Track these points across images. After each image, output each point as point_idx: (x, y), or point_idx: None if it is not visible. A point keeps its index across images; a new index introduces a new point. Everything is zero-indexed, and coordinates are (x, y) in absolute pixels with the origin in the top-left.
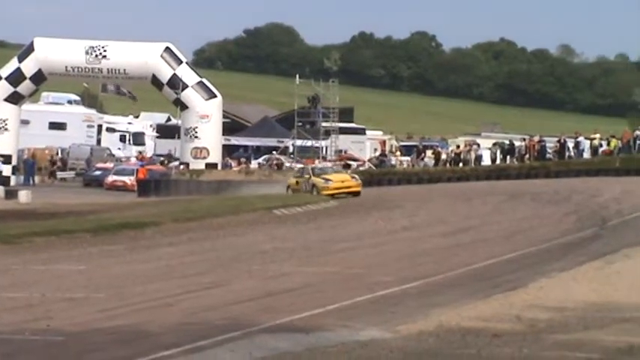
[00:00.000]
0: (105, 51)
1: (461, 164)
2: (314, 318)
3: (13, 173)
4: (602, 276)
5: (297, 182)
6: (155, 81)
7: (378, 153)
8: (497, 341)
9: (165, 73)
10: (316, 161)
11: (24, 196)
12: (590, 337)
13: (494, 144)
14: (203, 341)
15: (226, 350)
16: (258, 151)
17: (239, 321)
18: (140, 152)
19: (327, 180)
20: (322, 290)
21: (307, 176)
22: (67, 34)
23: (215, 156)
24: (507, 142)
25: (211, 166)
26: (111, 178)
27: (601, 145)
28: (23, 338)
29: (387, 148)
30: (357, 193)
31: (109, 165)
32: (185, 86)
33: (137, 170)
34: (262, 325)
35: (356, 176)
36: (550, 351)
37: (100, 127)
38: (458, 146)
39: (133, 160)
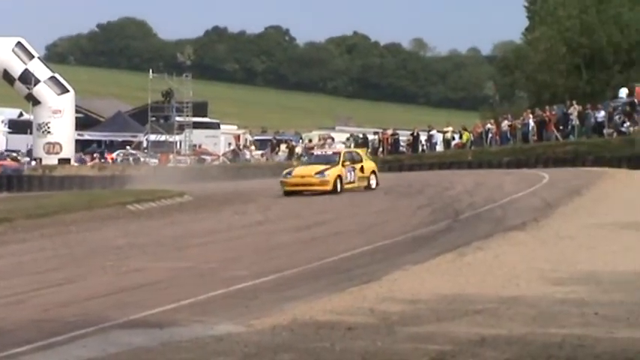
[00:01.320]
0: None
1: None
2: (168, 313)
3: None
4: (454, 268)
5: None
6: (6, 76)
7: (232, 147)
8: (351, 334)
9: (16, 68)
10: (170, 156)
11: None
12: (442, 329)
13: (349, 137)
14: (56, 337)
15: (79, 346)
16: (112, 146)
17: (92, 317)
18: None
19: (288, 173)
20: (176, 285)
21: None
22: None
23: (68, 151)
24: (361, 135)
25: (64, 162)
26: None
27: (453, 139)
28: None
29: (242, 142)
30: (326, 192)
31: None
32: (37, 81)
33: None
34: (116, 320)
35: (323, 172)
36: (404, 343)
37: None
38: (310, 140)
39: None
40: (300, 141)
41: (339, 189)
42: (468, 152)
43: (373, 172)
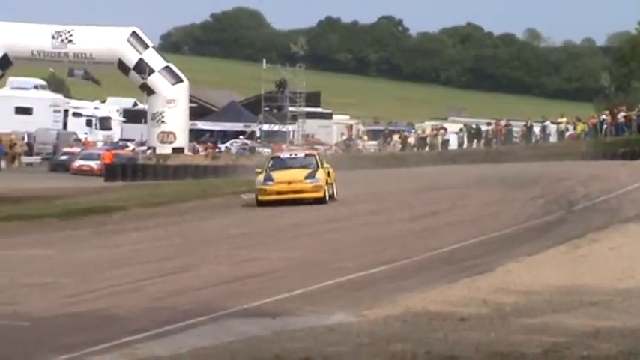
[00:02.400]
0: (71, 36)
1: (427, 148)
2: (281, 302)
3: None
4: (568, 260)
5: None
6: (122, 66)
7: (345, 137)
8: (464, 325)
9: (131, 58)
10: (283, 146)
11: None
12: (556, 320)
13: (461, 128)
14: (170, 326)
15: (193, 335)
16: (225, 136)
17: (206, 306)
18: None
19: (268, 179)
20: (289, 275)
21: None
22: (32, 18)
23: (182, 140)
24: (474, 126)
25: (178, 151)
26: (77, 163)
27: (567, 130)
28: None
29: (354, 132)
30: (319, 200)
31: (76, 150)
32: (151, 71)
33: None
34: (230, 309)
35: (314, 176)
36: (517, 335)
37: (66, 111)
38: (423, 130)
39: (100, 144)
40: (413, 131)
41: (327, 197)
42: (582, 143)
43: (334, 179)
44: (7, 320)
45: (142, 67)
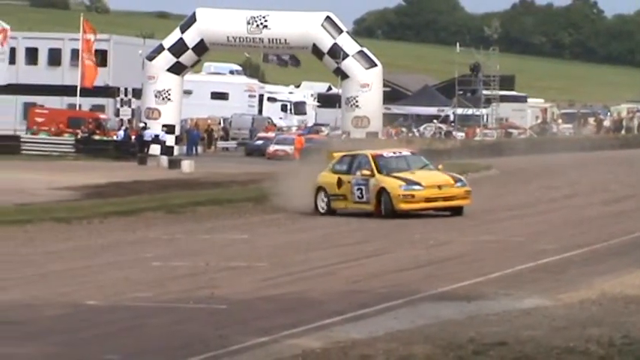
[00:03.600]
0: (266, 21)
1: (623, 131)
2: (475, 286)
3: (176, 143)
4: None
5: (339, 182)
6: (316, 50)
7: (539, 121)
8: None
9: (325, 43)
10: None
11: (187, 165)
12: None
13: None
14: (366, 309)
15: (390, 318)
16: (419, 120)
17: (402, 289)
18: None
19: (411, 183)
20: (483, 259)
21: (367, 172)
22: (228, 3)
23: (376, 125)
24: None
25: (372, 135)
26: (272, 148)
27: None
28: (188, 306)
29: (549, 115)
30: (459, 210)
31: (271, 134)
32: (345, 55)
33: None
34: (425, 293)
35: (462, 178)
36: None
37: (261, 96)
38: (619, 113)
39: (295, 129)
40: (609, 114)
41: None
42: None
43: None
44: (205, 303)
45: (336, 52)
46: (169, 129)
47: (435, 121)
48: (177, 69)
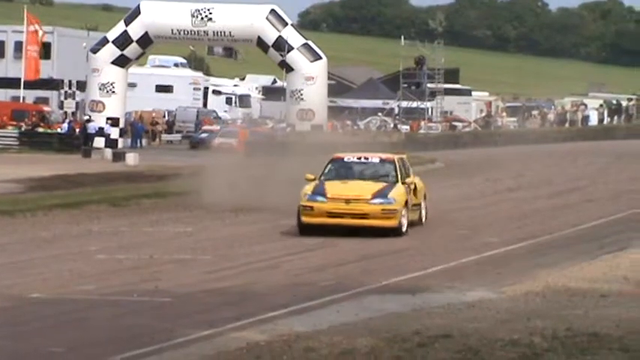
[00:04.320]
0: (210, 13)
1: (567, 124)
2: (419, 279)
3: (120, 136)
4: None
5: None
6: (260, 43)
7: (484, 114)
8: (605, 302)
9: (270, 36)
10: (422, 123)
11: (131, 158)
12: None
13: (602, 104)
14: (310, 302)
15: (333, 311)
16: (364, 113)
17: (345, 282)
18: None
19: (317, 193)
20: (427, 252)
21: (310, 177)
22: None
23: (320, 118)
24: (614, 101)
25: (317, 128)
26: (217, 141)
27: None
28: (132, 299)
29: (493, 109)
30: (391, 231)
31: (216, 127)
32: (290, 48)
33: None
34: (369, 286)
35: (391, 198)
36: None
37: (206, 89)
38: (563, 107)
39: (239, 122)
40: (553, 108)
41: (403, 225)
42: None
43: (424, 196)
44: (149, 297)
45: (280, 45)
46: (114, 122)
47: (379, 114)
48: (121, 62)
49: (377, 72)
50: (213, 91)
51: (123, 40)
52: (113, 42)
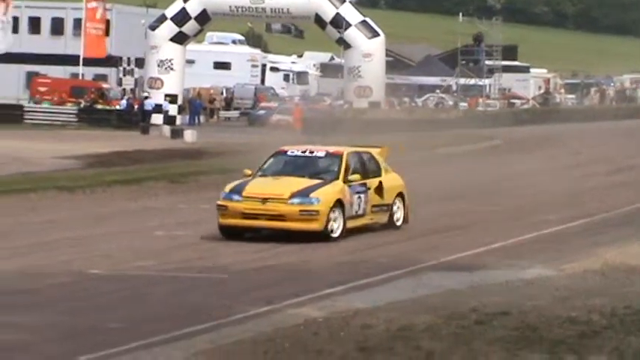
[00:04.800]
0: None
1: (627, 102)
2: (478, 256)
3: (178, 113)
4: None
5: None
6: (318, 20)
7: (542, 91)
8: None
9: (328, 12)
10: (480, 100)
11: (189, 135)
12: None
13: None
14: (367, 279)
15: (390, 288)
16: (421, 90)
17: (404, 259)
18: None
19: (234, 192)
20: (487, 229)
21: (248, 172)
22: None
23: (378, 95)
24: None
25: (374, 105)
26: (275, 117)
27: None
28: (190, 276)
29: (552, 86)
30: (315, 235)
31: (273, 104)
32: (348, 25)
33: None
34: (427, 263)
35: (315, 198)
36: None
37: (264, 66)
38: (622, 84)
39: (297, 99)
40: (612, 85)
41: (335, 230)
42: None
43: (399, 194)
44: (206, 273)
45: (338, 22)
46: (172, 99)
47: (437, 91)
48: (179, 39)
49: (435, 49)
50: (271, 68)
51: (181, 17)
52: (171, 19)
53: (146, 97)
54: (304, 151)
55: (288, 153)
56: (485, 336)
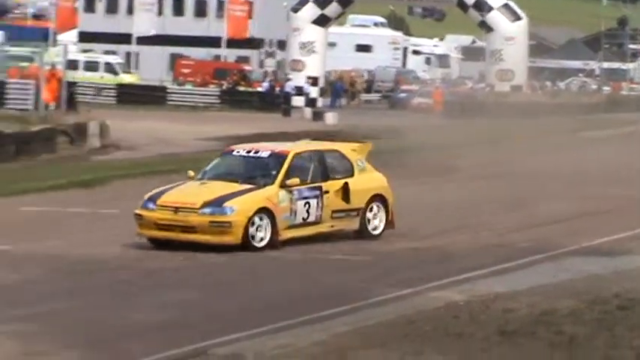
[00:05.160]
0: None
1: None
2: (620, 241)
3: (320, 95)
4: None
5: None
6: (460, 3)
7: None
8: None
9: None
10: (623, 84)
11: (331, 117)
12: None
13: None
14: (509, 263)
15: (532, 272)
16: (564, 74)
17: (545, 243)
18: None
19: (151, 200)
20: (630, 213)
21: (191, 174)
22: None
23: (520, 78)
24: None
25: (516, 89)
26: (416, 100)
27: None
28: (333, 258)
29: None
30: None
31: (414, 87)
32: (490, 8)
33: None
34: (568, 247)
35: (228, 207)
36: None
37: (405, 49)
38: None
39: (438, 82)
40: None
41: (261, 242)
42: None
43: (377, 197)
44: (349, 255)
45: (481, 5)
46: (313, 81)
47: (580, 74)
48: (321, 21)
49: (578, 32)
50: (413, 51)
51: (324, 0)
52: (314, 1)
53: (288, 80)
54: (249, 151)
55: (234, 153)
56: (628, 322)
